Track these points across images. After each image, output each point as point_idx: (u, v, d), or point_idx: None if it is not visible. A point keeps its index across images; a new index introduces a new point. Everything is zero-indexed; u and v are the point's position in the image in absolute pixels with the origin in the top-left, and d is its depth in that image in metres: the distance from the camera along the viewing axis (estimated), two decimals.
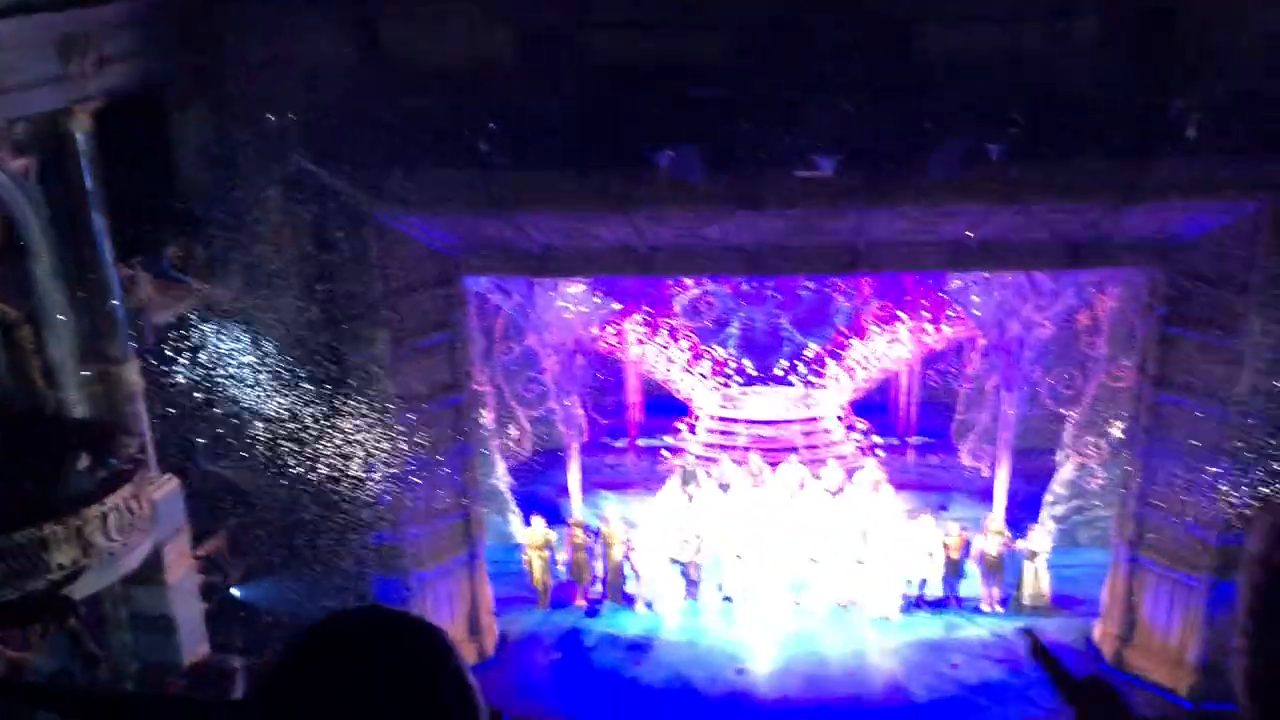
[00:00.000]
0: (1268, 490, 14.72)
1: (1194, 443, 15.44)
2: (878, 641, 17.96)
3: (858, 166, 13.44)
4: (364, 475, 15.42)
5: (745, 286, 25.66)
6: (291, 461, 15.13)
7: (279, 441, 14.99)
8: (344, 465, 15.29)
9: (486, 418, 21.16)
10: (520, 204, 14.41)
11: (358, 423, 15.02)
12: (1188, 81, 13.03)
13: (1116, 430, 19.81)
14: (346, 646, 1.63)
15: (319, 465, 15.13)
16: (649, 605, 18.88)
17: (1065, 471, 21.05)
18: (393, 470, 15.57)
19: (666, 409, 26.62)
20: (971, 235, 15.26)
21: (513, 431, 23.16)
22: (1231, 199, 14.03)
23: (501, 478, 21.95)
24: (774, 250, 16.07)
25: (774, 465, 21.41)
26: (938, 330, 24.54)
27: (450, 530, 16.96)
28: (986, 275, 18.77)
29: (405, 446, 15.64)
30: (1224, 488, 15.06)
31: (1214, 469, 15.16)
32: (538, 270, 17.19)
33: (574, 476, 20.46)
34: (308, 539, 15.50)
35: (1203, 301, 15.07)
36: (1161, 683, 16.53)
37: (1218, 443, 15.08)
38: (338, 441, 15.02)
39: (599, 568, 19.25)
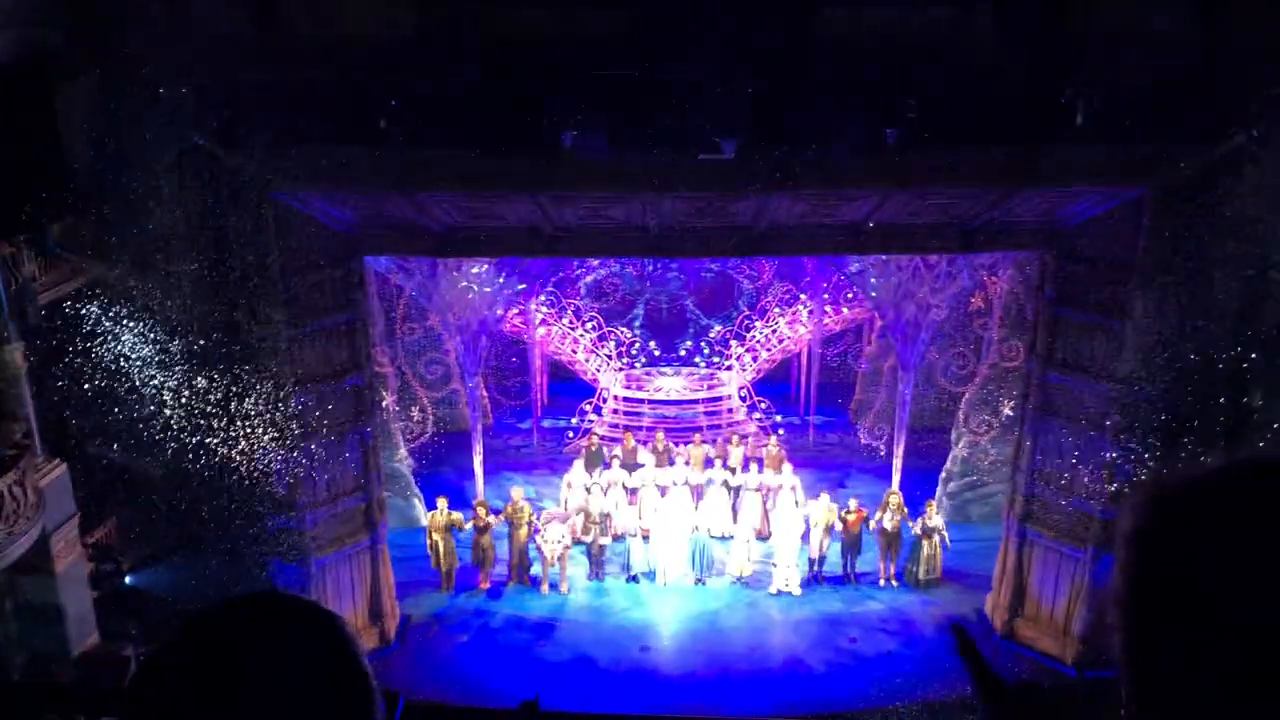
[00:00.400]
0: (1151, 465, 15.35)
1: (1081, 420, 16.01)
2: (779, 617, 18.27)
3: (759, 150, 13.57)
4: (261, 458, 15.11)
5: (650, 268, 25.80)
6: (186, 445, 14.75)
7: (173, 425, 14.60)
8: (241, 448, 14.96)
9: (388, 399, 20.94)
10: (422, 183, 14.21)
11: (255, 405, 14.69)
12: (1077, 70, 13.44)
13: (1008, 409, 20.44)
14: (232, 633, 1.59)
15: (215, 449, 14.77)
16: (553, 586, 18.91)
17: (959, 449, 21.66)
18: (291, 453, 15.28)
19: (572, 390, 26.59)
20: (871, 225, 15.55)
21: (415, 413, 22.97)
22: (1117, 185, 14.53)
23: (404, 460, 21.74)
24: (678, 232, 16.14)
25: (679, 445, 21.58)
26: (837, 312, 25.00)
27: (351, 514, 16.73)
28: (884, 258, 19.10)
29: (304, 429, 15.36)
30: (1109, 463, 15.65)
31: (1100, 445, 15.74)
32: (440, 250, 16.98)
33: (478, 458, 20.35)
34: (203, 525, 15.14)
35: (1090, 284, 15.59)
36: (1048, 652, 17.14)
37: (1103, 420, 15.66)
38: (234, 424, 14.68)
39: (503, 550, 19.18)
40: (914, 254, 18.31)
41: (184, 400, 14.37)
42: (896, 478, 20.07)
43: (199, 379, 14.41)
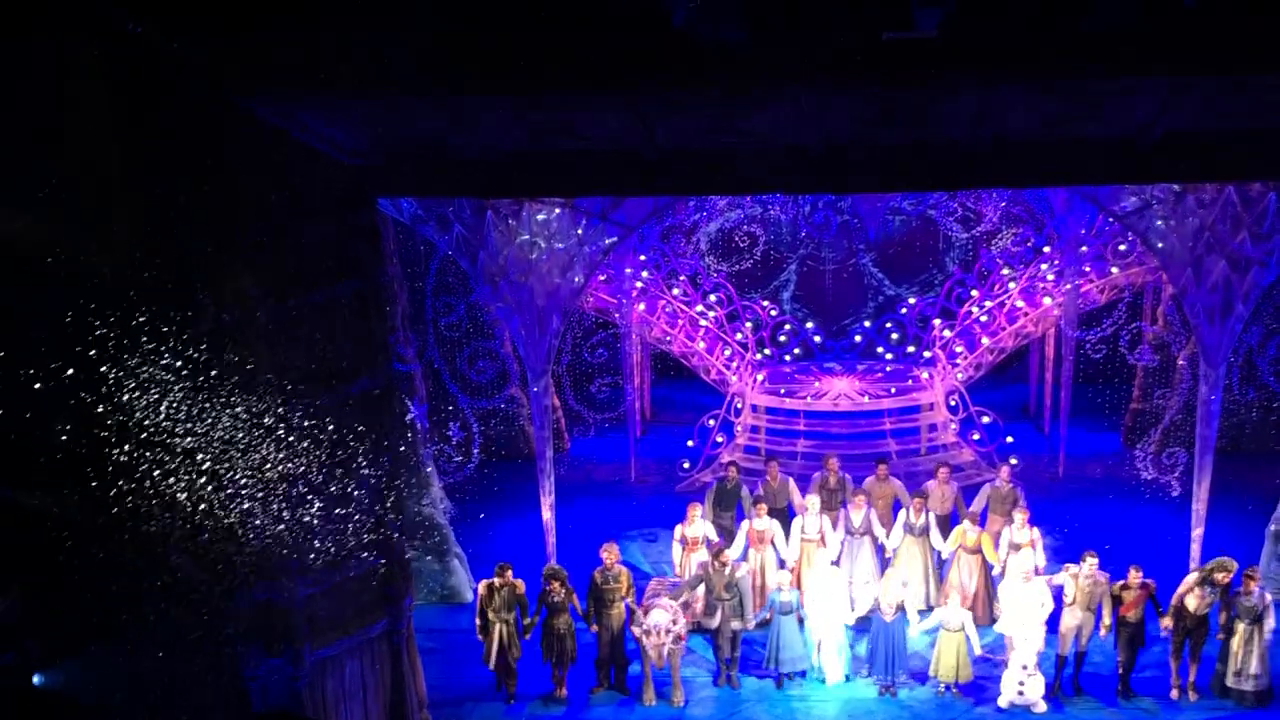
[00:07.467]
0: None
1: None
2: None
3: (974, 21, 13.18)
4: (228, 502, 15.23)
5: (808, 210, 25.55)
6: (116, 482, 14.91)
7: (97, 453, 14.76)
8: (197, 486, 15.09)
9: (413, 412, 20.96)
10: (461, 82, 14.07)
11: (215, 421, 14.80)
12: None
13: None
14: None
15: (157, 487, 14.91)
16: (662, 694, 18.80)
17: None
18: (270, 495, 15.36)
19: (688, 397, 26.41)
20: (1157, 135, 15.06)
21: (454, 433, 23.00)
22: None
23: (438, 503, 21.79)
24: (851, 152, 16.01)
25: (852, 478, 21.38)
26: (1101, 274, 24.44)
27: (359, 584, 16.80)
28: (1175, 189, 18.59)
29: (289, 457, 15.43)
30: None
31: None
32: (489, 187, 17.04)
33: (547, 500, 20.26)
34: (142, 600, 15.31)
35: None
36: None
37: None
38: (184, 451, 14.80)
39: (588, 639, 19.15)
40: (1225, 181, 17.83)
41: (109, 413, 14.51)
42: (1199, 530, 19.46)
43: (133, 382, 14.53)
